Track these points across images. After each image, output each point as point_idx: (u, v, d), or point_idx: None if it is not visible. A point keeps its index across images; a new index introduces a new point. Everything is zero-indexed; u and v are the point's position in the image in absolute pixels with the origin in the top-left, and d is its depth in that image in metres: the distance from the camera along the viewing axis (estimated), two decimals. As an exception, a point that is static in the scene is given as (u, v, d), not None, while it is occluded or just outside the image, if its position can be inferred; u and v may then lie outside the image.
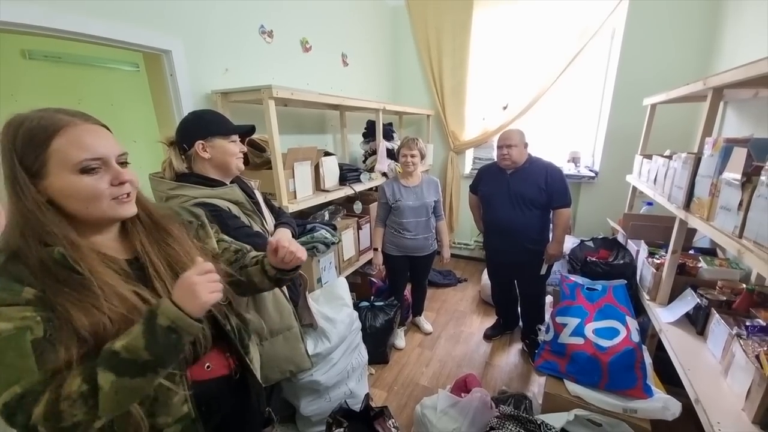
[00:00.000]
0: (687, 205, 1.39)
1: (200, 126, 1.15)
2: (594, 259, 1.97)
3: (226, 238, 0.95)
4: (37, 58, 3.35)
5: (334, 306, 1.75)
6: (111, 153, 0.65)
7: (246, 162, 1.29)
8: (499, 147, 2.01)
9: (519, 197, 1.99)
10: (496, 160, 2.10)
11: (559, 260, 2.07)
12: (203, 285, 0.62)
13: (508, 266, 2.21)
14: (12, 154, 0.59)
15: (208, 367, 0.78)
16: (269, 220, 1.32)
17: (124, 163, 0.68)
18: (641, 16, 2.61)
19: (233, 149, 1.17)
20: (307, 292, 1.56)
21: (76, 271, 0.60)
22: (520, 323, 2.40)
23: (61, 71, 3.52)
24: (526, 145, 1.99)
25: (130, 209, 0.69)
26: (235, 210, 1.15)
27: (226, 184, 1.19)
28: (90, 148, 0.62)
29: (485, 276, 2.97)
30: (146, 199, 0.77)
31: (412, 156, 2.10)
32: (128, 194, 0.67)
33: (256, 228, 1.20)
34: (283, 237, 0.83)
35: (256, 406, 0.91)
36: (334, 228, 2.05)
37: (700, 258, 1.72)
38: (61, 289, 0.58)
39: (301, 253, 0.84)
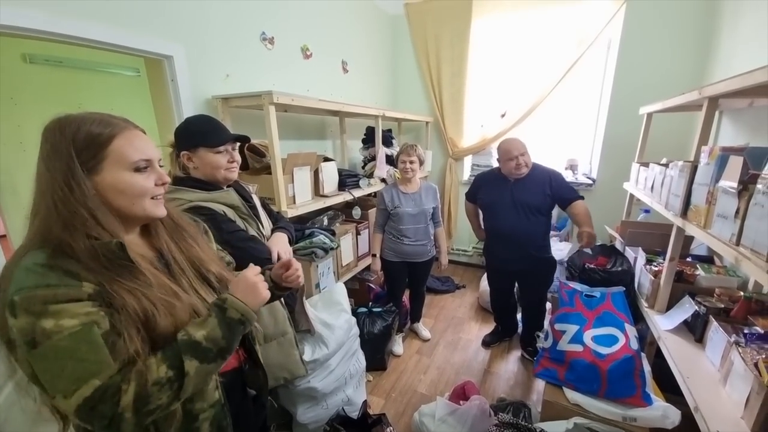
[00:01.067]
0: (684, 213, 1.40)
1: (185, 137, 1.14)
2: (592, 266, 1.97)
3: (218, 247, 0.98)
4: (38, 62, 3.37)
5: (333, 312, 1.74)
6: (156, 156, 0.72)
7: (245, 167, 1.28)
8: (511, 158, 1.94)
9: (524, 205, 1.97)
10: (501, 170, 2.05)
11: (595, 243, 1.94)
12: (262, 284, 0.75)
13: (511, 274, 2.20)
14: (70, 150, 0.62)
15: None
16: (266, 225, 1.32)
17: (162, 166, 0.75)
18: (637, 26, 2.65)
19: (219, 161, 1.13)
20: (304, 298, 1.55)
21: (130, 260, 0.64)
22: (519, 330, 2.39)
23: (61, 75, 3.53)
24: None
25: (163, 209, 0.74)
26: (230, 214, 1.14)
27: (222, 188, 1.18)
28: (143, 150, 0.69)
29: (484, 282, 2.97)
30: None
31: (411, 162, 2.11)
32: (161, 195, 0.73)
33: (252, 232, 1.20)
34: (294, 260, 0.90)
35: (260, 398, 0.97)
36: (333, 233, 2.05)
37: (697, 265, 1.73)
38: (115, 279, 0.62)
39: (302, 279, 0.91)
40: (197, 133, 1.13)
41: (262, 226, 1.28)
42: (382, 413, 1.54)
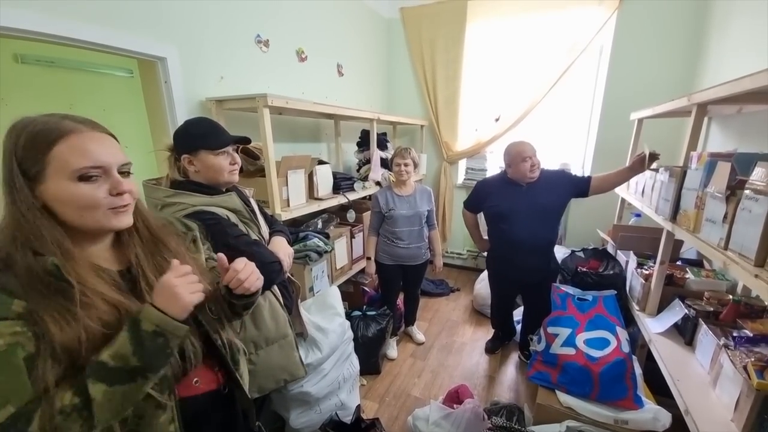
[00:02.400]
0: (674, 217, 1.42)
1: (186, 140, 1.12)
2: (584, 269, 1.99)
3: (210, 256, 0.92)
4: (30, 63, 3.32)
5: (326, 315, 1.73)
6: (113, 162, 0.64)
7: (239, 170, 1.27)
8: (524, 159, 1.86)
9: (544, 209, 1.90)
10: (515, 174, 1.94)
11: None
12: (183, 286, 0.63)
13: (523, 282, 2.11)
14: (12, 157, 0.58)
15: (196, 382, 0.77)
16: (264, 228, 1.31)
17: (126, 173, 0.67)
18: (628, 33, 2.70)
19: (220, 164, 1.12)
20: (299, 301, 1.54)
21: (67, 281, 0.58)
22: (518, 335, 2.39)
23: (53, 75, 3.48)
24: None
25: (126, 220, 0.67)
26: (233, 218, 1.13)
27: (223, 192, 1.17)
28: (91, 155, 0.61)
29: (478, 285, 2.97)
30: (145, 209, 0.76)
31: (406, 165, 2.11)
32: (126, 205, 0.65)
33: (254, 236, 1.19)
34: (239, 261, 0.76)
35: (242, 422, 0.89)
36: (327, 236, 2.05)
37: (687, 269, 1.75)
38: (43, 302, 0.56)
39: (249, 283, 0.76)
40: (198, 136, 1.12)
41: (262, 230, 1.28)
42: (375, 418, 1.53)
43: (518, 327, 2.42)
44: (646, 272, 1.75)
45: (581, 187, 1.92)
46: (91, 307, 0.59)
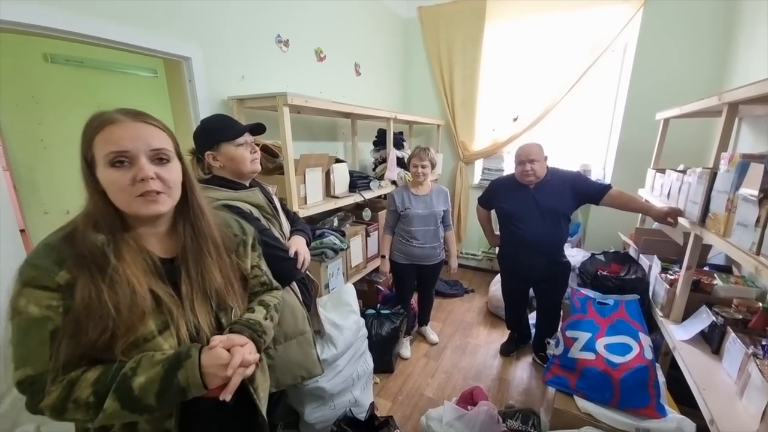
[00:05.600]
0: (702, 221, 1.37)
1: (205, 137, 1.16)
2: (605, 273, 1.94)
3: (263, 268, 0.93)
4: (59, 62, 3.46)
5: (342, 312, 1.75)
6: (140, 148, 0.64)
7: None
8: (521, 162, 1.91)
9: (551, 211, 1.91)
10: (515, 175, 2.00)
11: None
12: (224, 373, 0.66)
13: (530, 281, 2.15)
14: (83, 145, 0.65)
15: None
16: (285, 225, 1.34)
17: (162, 160, 0.68)
18: (654, 31, 2.62)
19: (242, 154, 1.16)
20: (317, 298, 1.56)
21: (106, 258, 0.63)
22: (532, 335, 2.36)
23: (81, 75, 3.62)
24: (546, 159, 1.94)
25: (156, 208, 0.67)
26: (256, 213, 1.16)
27: (247, 187, 1.20)
28: (116, 142, 0.63)
29: (493, 287, 2.94)
30: (200, 205, 0.77)
31: (423, 166, 2.11)
32: (153, 191, 0.65)
33: (275, 232, 1.21)
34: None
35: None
36: (343, 234, 2.06)
37: (715, 275, 1.68)
38: (84, 272, 0.62)
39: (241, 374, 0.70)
40: (215, 131, 1.15)
41: (283, 227, 1.30)
42: (389, 416, 1.54)
43: (534, 331, 2.39)
44: (671, 277, 1.70)
45: (592, 194, 1.90)
46: (116, 286, 0.63)
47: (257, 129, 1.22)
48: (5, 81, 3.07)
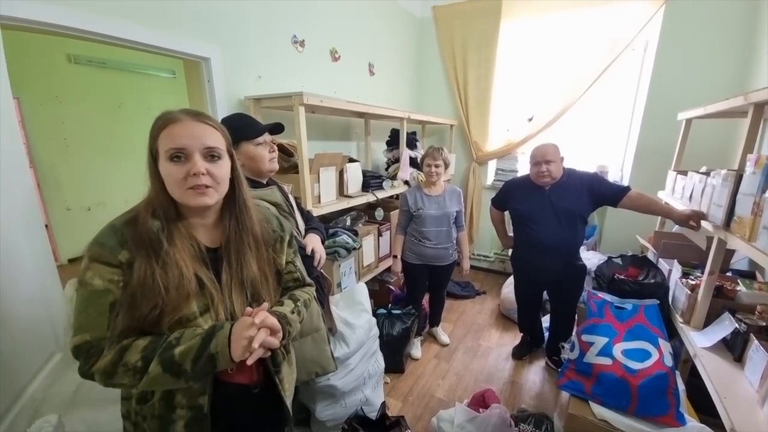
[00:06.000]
0: (727, 224, 1.33)
1: None
2: (622, 276, 1.89)
3: (297, 265, 0.97)
4: (82, 63, 3.58)
5: (354, 311, 1.75)
6: (194, 146, 0.71)
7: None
8: (537, 163, 1.87)
9: (567, 213, 1.87)
10: (530, 176, 1.96)
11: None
12: (248, 342, 0.70)
13: (544, 283, 2.12)
14: (148, 141, 0.72)
15: (231, 369, 0.79)
16: (301, 224, 1.35)
17: (214, 157, 0.74)
18: (676, 29, 2.55)
19: (261, 153, 1.19)
20: (330, 297, 1.57)
21: (161, 242, 0.70)
22: (545, 338, 2.33)
23: (103, 76, 3.74)
24: (562, 159, 1.90)
25: (203, 200, 0.72)
26: (273, 211, 1.18)
27: (265, 185, 1.22)
28: (176, 140, 0.70)
29: (505, 290, 2.91)
30: (245, 199, 0.82)
31: (437, 166, 2.10)
32: (203, 185, 0.71)
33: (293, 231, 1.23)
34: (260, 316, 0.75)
35: (271, 425, 0.93)
36: (356, 233, 2.07)
37: (738, 280, 1.63)
38: (141, 253, 0.69)
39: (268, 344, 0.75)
40: (235, 130, 1.16)
41: (299, 225, 1.32)
42: (400, 415, 1.53)
43: (547, 335, 2.35)
44: (693, 283, 1.65)
45: (610, 196, 1.86)
46: (167, 268, 0.69)
47: (276, 128, 1.24)
48: (31, 80, 3.20)
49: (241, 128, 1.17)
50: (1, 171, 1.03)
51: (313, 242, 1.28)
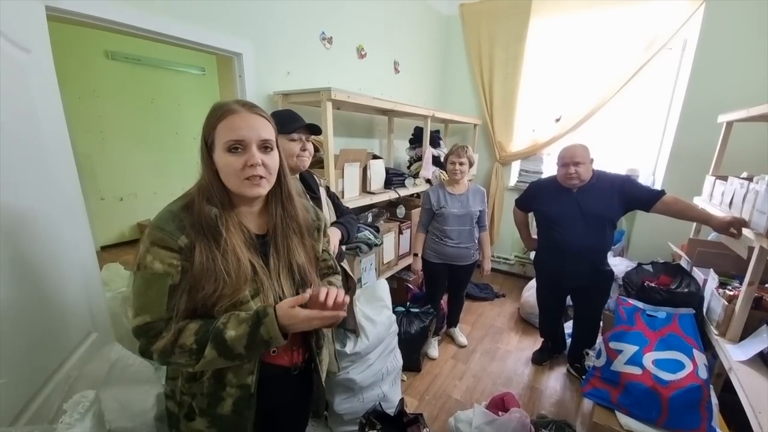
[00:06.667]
0: (771, 233, 1.25)
1: None
2: (653, 284, 1.82)
3: (330, 253, 1.02)
4: (119, 59, 3.73)
5: (375, 307, 1.76)
6: (252, 138, 0.73)
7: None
8: (565, 165, 1.82)
9: (596, 217, 1.81)
10: (558, 177, 1.90)
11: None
12: (307, 321, 0.74)
13: (569, 289, 2.07)
14: (204, 129, 0.75)
15: (273, 351, 0.84)
16: (328, 217, 1.36)
17: (267, 148, 0.76)
18: (717, 28, 2.43)
19: (292, 148, 1.21)
20: (355, 297, 1.58)
21: (219, 229, 0.73)
22: (567, 347, 2.27)
23: (137, 72, 3.89)
24: (591, 161, 1.84)
25: (257, 190, 0.76)
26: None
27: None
28: (235, 131, 0.72)
29: (525, 293, 2.85)
30: (290, 190, 0.85)
31: (461, 164, 2.07)
32: (257, 176, 0.74)
33: None
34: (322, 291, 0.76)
35: (309, 405, 0.99)
36: (377, 230, 2.08)
37: (780, 293, 1.54)
38: (200, 238, 0.72)
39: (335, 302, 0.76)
40: (277, 123, 1.21)
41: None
42: (419, 413, 1.53)
43: (569, 341, 2.29)
44: (730, 293, 1.57)
45: (643, 200, 1.78)
46: (227, 254, 0.73)
47: (313, 128, 1.26)
48: (70, 75, 3.36)
49: (281, 123, 1.20)
50: (49, 157, 1.08)
51: (330, 236, 1.30)
